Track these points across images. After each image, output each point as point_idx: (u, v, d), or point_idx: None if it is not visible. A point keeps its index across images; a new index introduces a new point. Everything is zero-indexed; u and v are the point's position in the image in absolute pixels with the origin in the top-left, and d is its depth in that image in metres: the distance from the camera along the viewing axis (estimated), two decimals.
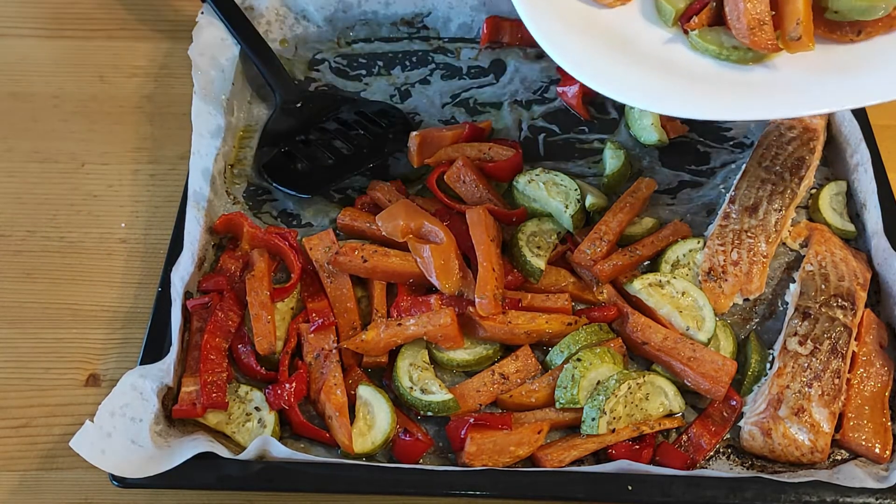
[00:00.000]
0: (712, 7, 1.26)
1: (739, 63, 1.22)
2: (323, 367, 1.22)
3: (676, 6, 1.27)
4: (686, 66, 1.23)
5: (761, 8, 1.19)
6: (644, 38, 1.27)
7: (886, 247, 1.31)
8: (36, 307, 1.35)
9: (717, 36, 1.24)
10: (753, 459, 1.20)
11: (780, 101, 1.16)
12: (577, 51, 1.21)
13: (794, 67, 1.21)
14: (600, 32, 1.25)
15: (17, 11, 1.74)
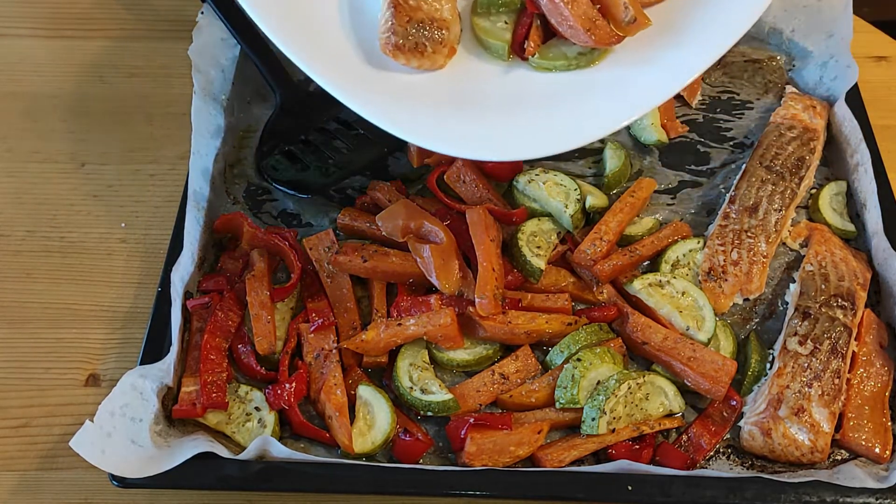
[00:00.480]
0: (538, 25, 1.22)
1: (589, 66, 1.20)
2: (323, 367, 1.22)
3: (503, 39, 1.23)
4: (540, 92, 1.19)
5: (586, 7, 1.17)
6: (486, 81, 1.22)
7: (886, 247, 1.31)
8: (36, 307, 1.35)
9: (559, 50, 1.21)
10: (753, 459, 1.20)
11: (647, 90, 1.14)
12: (428, 125, 1.14)
13: (637, 47, 1.19)
14: (441, 97, 1.19)
15: (16, 11, 1.74)
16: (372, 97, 1.15)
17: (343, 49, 1.21)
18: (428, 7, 1.19)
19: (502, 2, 1.23)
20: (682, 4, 1.22)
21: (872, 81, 1.59)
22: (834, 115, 1.48)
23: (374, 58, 1.21)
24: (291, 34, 1.18)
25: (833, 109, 1.48)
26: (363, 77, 1.18)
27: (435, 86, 1.19)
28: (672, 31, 1.19)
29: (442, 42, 1.18)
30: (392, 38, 1.17)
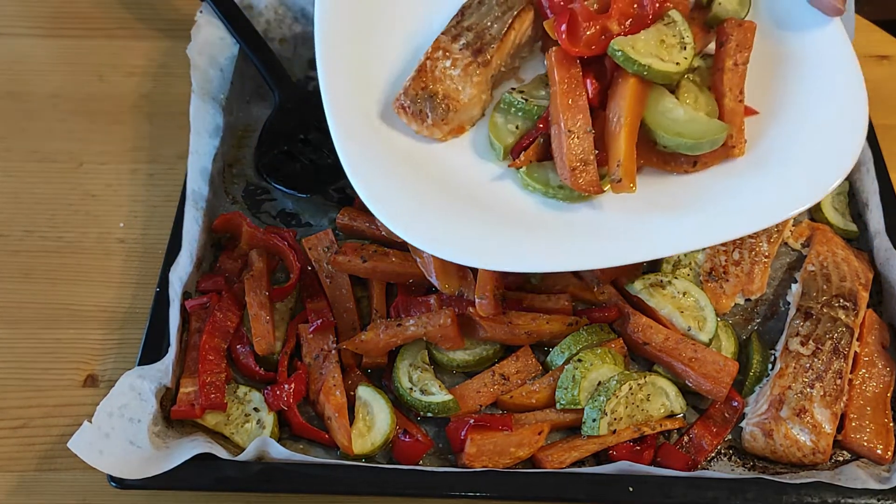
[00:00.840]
0: (540, 143, 1.20)
1: (567, 201, 1.17)
2: (322, 367, 1.22)
3: (504, 142, 1.22)
4: (513, 208, 1.17)
5: (584, 147, 1.14)
6: (473, 175, 1.21)
7: (888, 247, 1.31)
8: (34, 307, 1.35)
9: (545, 174, 1.19)
10: (755, 460, 1.20)
11: (600, 250, 1.10)
12: (394, 201, 1.14)
13: (623, 206, 1.16)
14: (422, 171, 1.19)
15: (15, 10, 1.74)
16: (362, 155, 1.17)
17: (369, 88, 1.25)
18: (449, 83, 1.21)
19: (521, 108, 1.23)
20: (700, 184, 1.18)
21: (874, 81, 1.57)
22: None
23: (388, 108, 1.24)
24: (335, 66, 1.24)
25: None
26: (369, 127, 1.21)
27: (426, 162, 1.20)
28: (667, 204, 1.16)
29: (444, 120, 1.20)
30: (402, 98, 1.21)
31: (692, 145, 1.15)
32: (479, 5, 1.27)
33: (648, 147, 1.18)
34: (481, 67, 1.22)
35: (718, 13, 1.26)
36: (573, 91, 1.17)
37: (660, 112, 1.18)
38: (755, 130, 1.21)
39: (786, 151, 1.17)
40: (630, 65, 1.15)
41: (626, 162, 1.13)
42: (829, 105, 1.20)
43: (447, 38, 1.24)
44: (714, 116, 1.20)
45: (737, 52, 1.22)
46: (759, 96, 1.23)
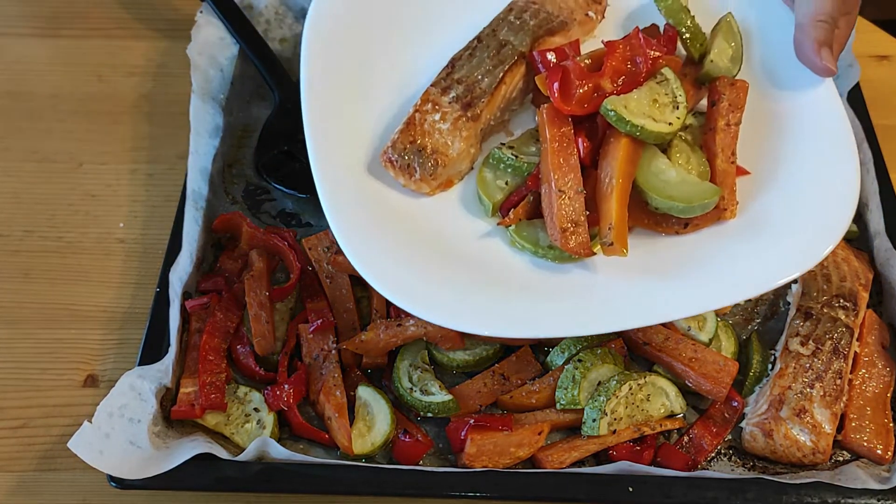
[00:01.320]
0: (530, 201, 1.17)
1: (557, 261, 1.14)
2: (322, 367, 1.22)
3: (494, 198, 1.19)
4: (502, 268, 1.15)
5: (574, 208, 1.11)
6: (461, 231, 1.19)
7: (888, 247, 1.31)
8: (34, 307, 1.35)
9: (534, 232, 1.15)
10: (755, 460, 1.20)
11: (590, 318, 1.08)
12: (380, 261, 1.12)
13: (613, 268, 1.12)
14: (409, 228, 1.17)
15: (14, 10, 1.74)
16: (347, 212, 1.15)
17: (356, 140, 1.23)
18: (438, 137, 1.18)
19: (511, 164, 1.21)
20: (692, 246, 1.16)
21: (874, 81, 1.58)
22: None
23: (375, 161, 1.22)
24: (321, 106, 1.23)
25: None
26: (355, 179, 1.20)
27: (413, 217, 1.18)
28: (659, 269, 1.13)
29: (433, 175, 1.17)
30: (389, 151, 1.18)
31: (683, 209, 1.13)
32: (469, 57, 1.25)
33: (640, 207, 1.16)
34: (471, 122, 1.20)
35: (710, 70, 1.24)
36: (564, 149, 1.14)
37: (652, 173, 1.15)
38: (747, 191, 1.19)
39: (777, 216, 1.16)
40: (623, 125, 1.13)
41: (618, 225, 1.10)
42: (821, 169, 1.18)
43: (437, 90, 1.22)
44: (706, 177, 1.18)
45: (729, 112, 1.20)
46: (751, 155, 1.21)
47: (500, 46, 1.25)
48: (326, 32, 1.29)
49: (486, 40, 1.27)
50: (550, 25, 1.29)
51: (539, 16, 1.29)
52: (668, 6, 1.28)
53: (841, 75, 1.49)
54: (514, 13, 1.30)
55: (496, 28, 1.28)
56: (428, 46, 1.31)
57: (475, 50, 1.26)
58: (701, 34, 1.28)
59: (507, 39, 1.26)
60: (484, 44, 1.26)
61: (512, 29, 1.27)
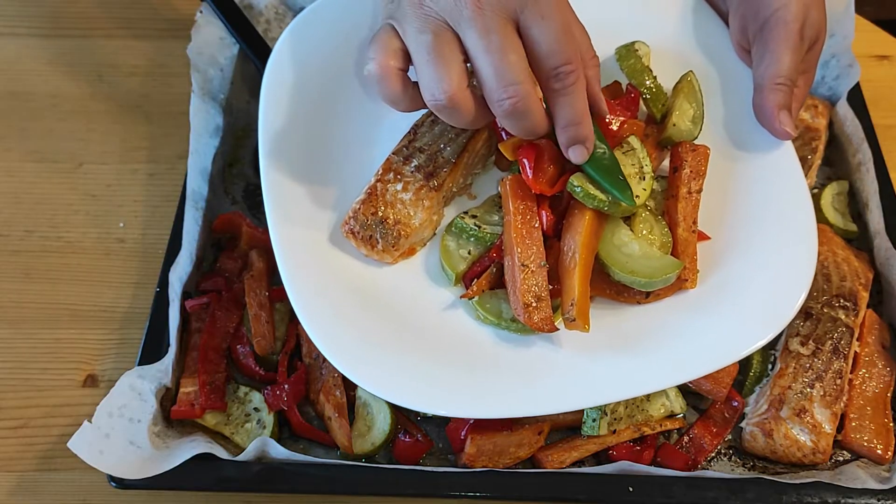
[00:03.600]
0: (493, 272, 1.15)
1: (520, 333, 1.13)
2: (322, 367, 1.22)
3: (457, 269, 1.17)
4: (465, 341, 1.13)
5: (538, 282, 1.10)
6: (425, 303, 1.17)
7: (888, 246, 1.30)
8: (34, 307, 1.35)
9: (497, 305, 1.14)
10: (755, 460, 1.20)
11: (553, 396, 1.08)
12: (342, 340, 1.10)
13: (579, 341, 1.11)
14: (372, 301, 1.15)
15: (14, 10, 1.73)
16: (309, 288, 1.14)
17: (319, 209, 1.21)
18: (400, 208, 1.16)
19: (473, 234, 1.19)
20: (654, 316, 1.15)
21: (874, 81, 1.58)
22: (836, 115, 1.47)
23: (337, 230, 1.19)
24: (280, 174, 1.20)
25: (835, 109, 1.48)
26: (315, 246, 1.18)
27: (378, 283, 1.17)
28: (621, 342, 1.12)
29: (395, 245, 1.15)
30: (351, 222, 1.16)
31: (645, 283, 1.12)
32: (431, 124, 1.21)
33: (602, 278, 1.15)
34: (433, 191, 1.17)
35: (673, 135, 1.24)
36: (528, 223, 1.13)
37: (615, 246, 1.14)
38: (707, 257, 1.18)
39: (739, 284, 1.15)
40: (590, 201, 1.12)
41: (580, 302, 1.09)
42: (780, 235, 1.18)
43: (399, 158, 1.19)
44: (668, 248, 1.17)
45: (690, 179, 1.19)
46: (711, 217, 1.20)
47: None
48: (281, 100, 1.25)
49: None
50: None
51: None
52: (630, 66, 1.28)
53: (841, 75, 1.49)
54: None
55: None
56: (387, 109, 1.25)
57: (435, 118, 1.21)
58: (663, 94, 1.28)
59: None
60: None
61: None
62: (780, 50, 1.22)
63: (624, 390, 1.09)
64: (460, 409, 1.08)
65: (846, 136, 1.45)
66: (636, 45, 1.31)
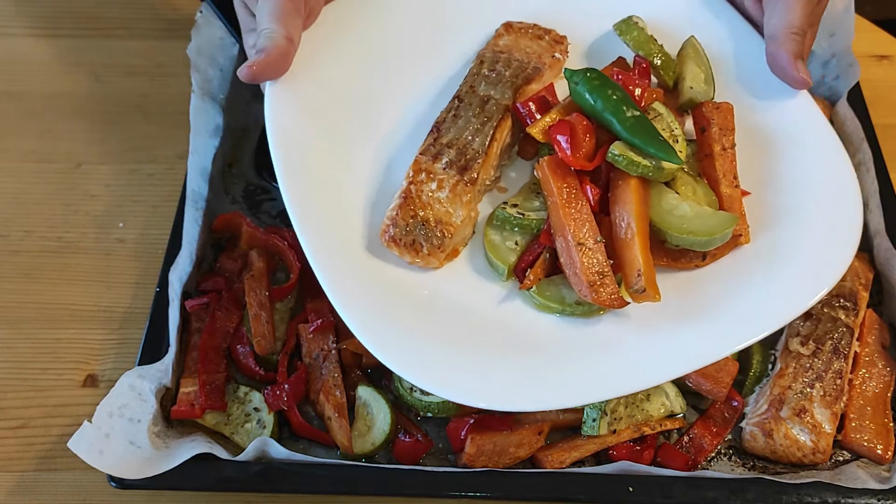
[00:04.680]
0: (546, 258, 1.13)
1: (587, 316, 1.11)
2: (322, 367, 1.22)
3: (507, 261, 1.14)
4: (528, 331, 1.11)
5: (598, 259, 1.07)
6: (478, 301, 1.13)
7: (888, 247, 1.30)
8: (34, 307, 1.35)
9: (558, 291, 1.11)
10: (755, 460, 1.20)
11: (628, 375, 1.06)
12: (399, 344, 1.06)
13: (644, 315, 1.10)
14: (422, 305, 1.11)
15: (13, 10, 1.73)
16: (352, 290, 1.09)
17: (350, 222, 1.16)
18: (439, 207, 1.13)
19: (518, 223, 1.16)
20: (713, 280, 1.14)
21: (874, 80, 1.58)
22: (836, 115, 1.47)
23: (374, 240, 1.15)
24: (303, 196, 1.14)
25: (835, 109, 1.47)
26: (355, 260, 1.13)
27: (424, 290, 1.13)
28: (694, 304, 1.11)
29: (440, 247, 1.12)
30: (391, 230, 1.12)
31: (705, 242, 1.11)
32: (454, 119, 1.19)
33: (657, 247, 1.13)
34: (469, 185, 1.15)
35: (693, 97, 1.24)
36: (574, 200, 1.11)
37: (665, 210, 1.13)
38: (751, 213, 1.18)
39: (787, 236, 1.15)
40: (634, 168, 1.11)
41: (647, 271, 1.07)
42: (818, 181, 1.18)
43: (427, 158, 1.16)
44: (715, 206, 1.16)
45: (722, 136, 1.19)
46: (743, 174, 1.20)
47: (483, 103, 1.21)
48: (290, 115, 1.20)
49: (466, 98, 1.21)
50: (526, 74, 1.25)
51: (512, 65, 1.25)
52: (635, 38, 1.29)
53: (841, 75, 1.49)
54: (486, 66, 1.25)
55: (473, 84, 1.23)
56: (398, 111, 1.25)
57: (458, 110, 1.20)
58: (671, 61, 1.29)
59: (488, 94, 1.21)
60: (466, 102, 1.21)
61: (490, 83, 1.23)
62: (792, 1, 1.22)
63: (696, 359, 1.06)
64: (528, 404, 1.05)
65: (846, 135, 1.45)
66: (633, 18, 1.32)
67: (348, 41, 1.30)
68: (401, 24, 1.34)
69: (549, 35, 1.32)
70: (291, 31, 1.18)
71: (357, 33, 1.31)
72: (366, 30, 1.31)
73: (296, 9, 1.19)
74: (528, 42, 1.30)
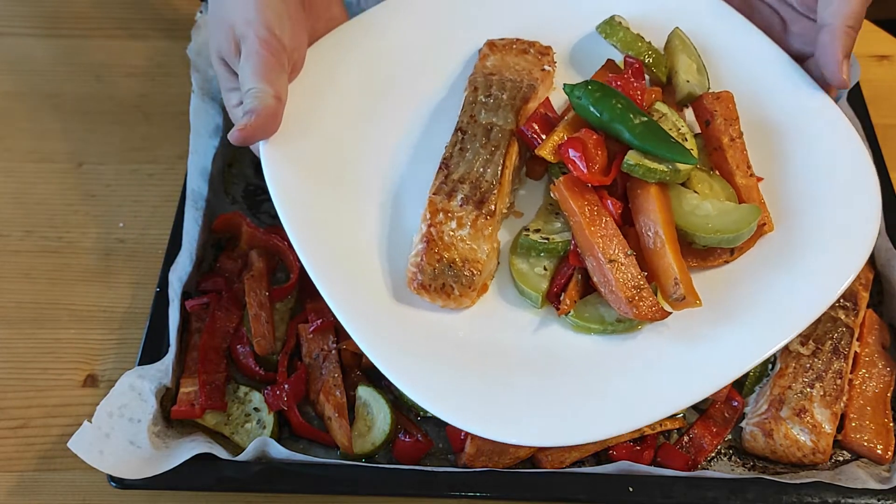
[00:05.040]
0: (578, 280, 1.11)
1: (628, 332, 1.09)
2: (322, 367, 1.22)
3: (539, 289, 1.12)
4: (568, 359, 1.09)
5: (632, 273, 1.06)
6: (515, 332, 1.11)
7: (889, 247, 1.30)
8: (34, 307, 1.35)
9: (596, 311, 1.10)
10: (755, 460, 1.20)
11: (677, 391, 1.05)
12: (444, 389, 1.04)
13: (682, 323, 1.09)
14: (465, 349, 1.09)
15: (14, 10, 1.74)
16: (387, 341, 1.07)
17: (371, 274, 1.13)
18: (463, 247, 1.10)
19: (544, 248, 1.13)
20: (741, 276, 1.13)
21: (874, 80, 1.58)
22: None
23: (400, 288, 1.12)
24: (320, 253, 1.12)
25: None
26: (384, 311, 1.10)
27: (459, 331, 1.10)
28: (728, 304, 1.10)
29: (471, 286, 1.09)
30: (419, 276, 1.09)
31: (733, 238, 1.10)
32: (461, 152, 1.17)
33: (685, 248, 1.11)
34: (489, 218, 1.12)
35: (692, 91, 1.23)
36: (597, 217, 1.09)
37: (688, 212, 1.11)
38: (767, 200, 1.18)
39: (808, 223, 1.14)
40: (652, 175, 1.09)
41: (683, 277, 1.06)
42: (835, 165, 1.17)
43: (441, 197, 1.13)
44: (734, 199, 1.15)
45: (728, 126, 1.18)
46: (753, 162, 1.20)
47: (487, 131, 1.19)
48: (290, 174, 1.18)
49: (469, 129, 1.19)
50: (523, 93, 1.23)
51: (506, 87, 1.23)
52: (622, 39, 1.28)
53: None
54: (481, 92, 1.23)
55: (473, 113, 1.21)
56: (396, 149, 1.23)
57: (463, 143, 1.18)
58: (661, 56, 1.28)
59: (490, 122, 1.19)
60: (470, 133, 1.19)
61: (490, 109, 1.21)
62: None
63: (742, 364, 1.05)
64: (587, 435, 1.02)
65: None
66: (615, 18, 1.31)
67: (335, 85, 1.27)
68: (386, 59, 1.31)
69: (534, 48, 1.30)
70: (278, 88, 1.14)
71: (343, 75, 1.28)
72: (351, 70, 1.29)
73: (280, 65, 1.15)
74: (514, 59, 1.28)
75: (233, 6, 1.17)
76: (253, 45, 1.14)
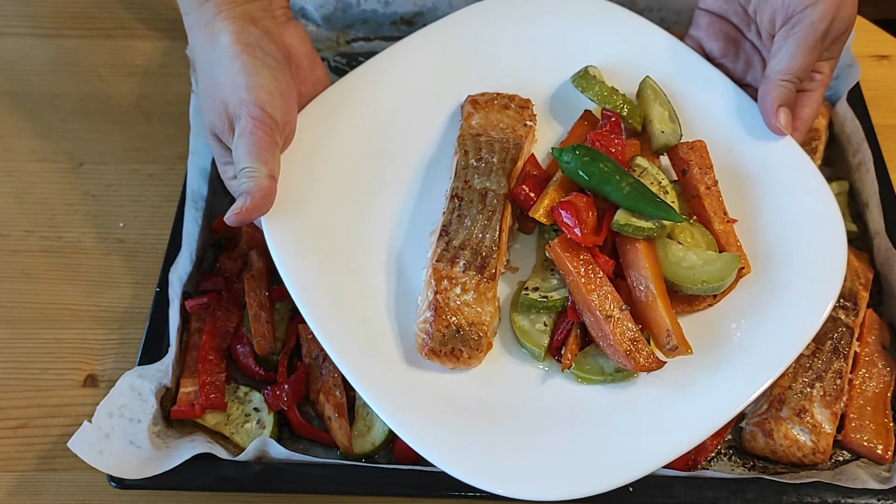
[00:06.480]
0: (577, 334, 1.15)
1: (626, 381, 1.13)
2: (322, 367, 1.22)
3: (541, 344, 1.15)
4: (576, 408, 1.12)
5: (628, 326, 1.10)
6: (520, 388, 1.14)
7: (888, 247, 1.30)
8: (34, 307, 1.35)
9: (595, 362, 1.14)
10: (755, 460, 1.20)
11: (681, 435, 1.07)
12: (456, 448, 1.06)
13: (677, 370, 1.12)
14: (475, 408, 1.11)
15: (14, 10, 1.74)
16: (402, 407, 1.09)
17: (380, 339, 1.15)
18: (469, 311, 1.13)
19: (543, 306, 1.17)
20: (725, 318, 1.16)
21: (874, 80, 1.58)
22: (835, 115, 1.47)
23: (409, 352, 1.15)
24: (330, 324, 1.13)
25: (835, 109, 1.48)
26: (396, 376, 1.12)
27: (469, 391, 1.13)
28: (715, 350, 1.13)
29: (479, 348, 1.12)
30: (429, 342, 1.12)
31: (717, 287, 1.14)
32: (459, 219, 1.19)
33: (671, 296, 1.15)
34: (490, 281, 1.15)
35: (667, 141, 1.26)
36: (592, 276, 1.13)
37: (674, 264, 1.15)
38: (743, 242, 1.21)
39: (784, 264, 1.18)
40: (640, 233, 1.13)
41: (675, 328, 1.11)
42: (800, 206, 1.21)
43: (444, 264, 1.15)
44: (712, 244, 1.19)
45: (703, 175, 1.21)
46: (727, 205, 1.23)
47: (482, 197, 1.20)
48: (293, 249, 1.19)
49: (465, 195, 1.21)
50: (511, 155, 1.25)
51: (494, 148, 1.25)
52: (598, 93, 1.30)
53: (840, 75, 1.49)
54: (472, 156, 1.24)
55: (467, 179, 1.22)
56: (394, 211, 1.25)
57: (460, 209, 1.20)
58: (636, 107, 1.30)
59: (484, 187, 1.21)
60: (466, 200, 1.20)
61: (482, 174, 1.22)
62: (796, 48, 1.23)
63: (737, 403, 1.08)
64: (599, 485, 1.04)
65: (846, 136, 1.45)
66: (590, 71, 1.33)
67: (328, 150, 1.27)
68: (374, 119, 1.32)
69: (514, 102, 1.32)
70: (272, 166, 1.15)
71: (334, 139, 1.29)
72: (342, 133, 1.30)
73: (274, 142, 1.16)
74: (497, 115, 1.30)
75: (225, 84, 1.17)
76: (246, 125, 1.15)
